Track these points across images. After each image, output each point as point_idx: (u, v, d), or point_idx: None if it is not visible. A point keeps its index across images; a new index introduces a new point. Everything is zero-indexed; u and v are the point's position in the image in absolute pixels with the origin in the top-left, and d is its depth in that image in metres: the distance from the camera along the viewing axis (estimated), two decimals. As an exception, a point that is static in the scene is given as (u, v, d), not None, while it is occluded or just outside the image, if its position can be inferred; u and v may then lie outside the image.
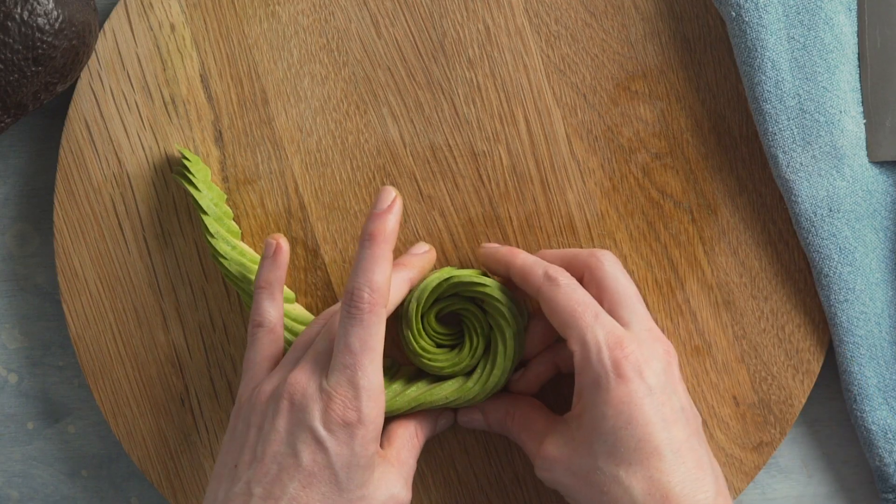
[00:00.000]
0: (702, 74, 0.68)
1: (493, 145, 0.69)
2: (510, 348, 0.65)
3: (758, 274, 0.69)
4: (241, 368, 0.69)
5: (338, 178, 0.69)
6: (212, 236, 0.66)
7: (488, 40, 0.68)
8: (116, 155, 0.69)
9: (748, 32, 0.66)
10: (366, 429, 0.59)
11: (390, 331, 0.67)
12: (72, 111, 0.69)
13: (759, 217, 0.69)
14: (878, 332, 0.67)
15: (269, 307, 0.65)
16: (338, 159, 0.69)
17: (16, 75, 0.64)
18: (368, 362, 0.59)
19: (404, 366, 0.68)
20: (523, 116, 0.69)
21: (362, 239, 0.60)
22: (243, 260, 0.67)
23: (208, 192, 0.67)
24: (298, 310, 0.68)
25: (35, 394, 0.72)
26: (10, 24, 0.63)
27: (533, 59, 0.68)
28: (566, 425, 0.62)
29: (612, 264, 0.64)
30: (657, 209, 0.69)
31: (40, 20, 0.63)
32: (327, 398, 0.59)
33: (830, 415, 0.70)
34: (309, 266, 0.69)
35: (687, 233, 0.69)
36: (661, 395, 0.60)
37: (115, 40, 0.68)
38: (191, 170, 0.66)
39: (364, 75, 0.69)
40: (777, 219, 0.69)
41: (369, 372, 0.59)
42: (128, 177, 0.69)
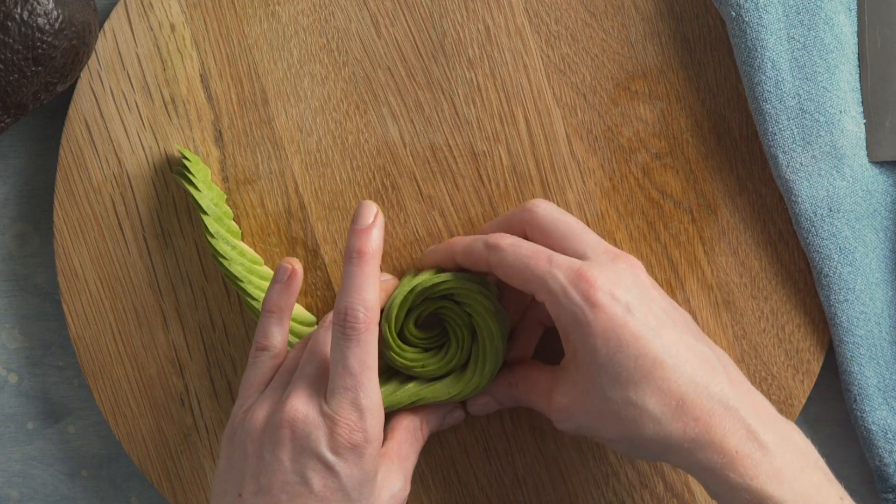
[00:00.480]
0: (702, 74, 0.68)
1: (493, 145, 0.69)
2: (495, 330, 0.64)
3: (758, 274, 0.69)
4: (241, 368, 0.69)
5: (338, 178, 0.69)
6: (212, 236, 0.66)
7: (488, 40, 0.68)
8: (116, 155, 0.69)
9: (748, 32, 0.66)
10: (372, 446, 0.59)
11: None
12: (72, 111, 0.69)
13: (759, 217, 0.69)
14: (878, 332, 0.67)
15: (276, 332, 0.64)
16: (338, 159, 0.69)
17: (16, 75, 0.64)
18: (368, 381, 0.59)
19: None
20: (523, 116, 0.69)
21: (348, 256, 0.60)
22: (243, 260, 0.67)
23: (208, 192, 0.67)
24: (298, 310, 0.68)
25: (35, 394, 0.72)
26: (10, 24, 0.63)
27: (533, 59, 0.69)
28: (566, 372, 0.62)
29: (545, 206, 0.63)
30: (657, 209, 0.69)
31: (40, 20, 0.63)
32: (332, 423, 0.59)
33: (830, 415, 0.70)
34: (309, 266, 0.69)
35: (687, 233, 0.69)
36: (640, 308, 0.60)
37: (115, 40, 0.68)
38: (191, 170, 0.66)
39: (364, 75, 0.69)
40: (777, 219, 0.69)
41: (370, 390, 0.59)
42: (128, 177, 0.69)
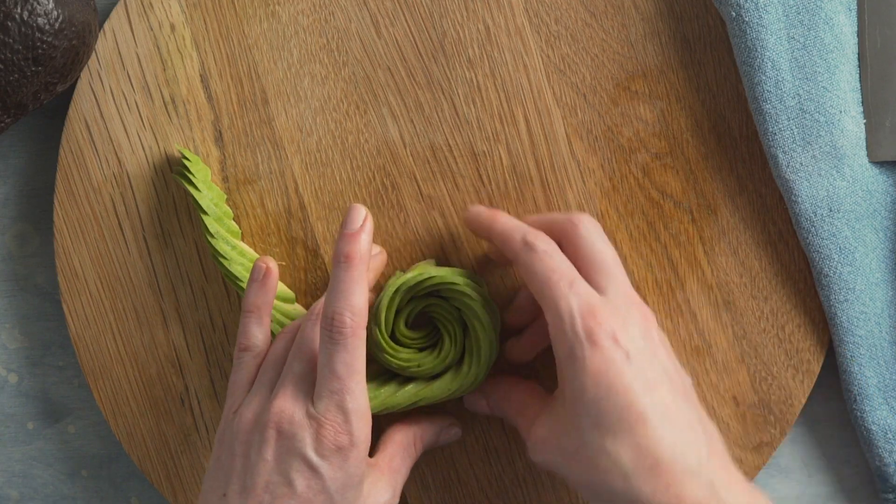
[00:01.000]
0: (702, 74, 0.68)
1: (493, 145, 0.69)
2: (485, 321, 0.64)
3: (758, 274, 0.69)
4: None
5: (338, 178, 0.69)
6: (212, 236, 0.66)
7: (488, 40, 0.68)
8: (116, 155, 0.69)
9: (748, 32, 0.66)
10: (358, 450, 0.59)
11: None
12: (72, 111, 0.69)
13: (759, 217, 0.69)
14: (878, 332, 0.67)
15: (256, 331, 0.64)
16: (338, 159, 0.69)
17: (16, 75, 0.64)
18: (355, 384, 0.59)
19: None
20: (523, 116, 0.69)
21: (336, 260, 0.60)
22: (243, 260, 0.67)
23: (208, 192, 0.67)
24: (299, 310, 0.68)
25: (35, 394, 0.72)
26: (10, 24, 0.63)
27: (533, 59, 0.69)
28: (554, 403, 0.62)
29: (589, 228, 0.62)
30: (657, 209, 0.69)
31: (40, 20, 0.63)
32: (317, 425, 0.59)
33: (830, 415, 0.70)
34: (309, 266, 0.69)
35: (687, 233, 0.69)
36: (641, 360, 0.58)
37: (115, 40, 0.68)
38: (191, 170, 0.66)
39: (364, 75, 0.69)
40: (777, 219, 0.69)
41: (357, 394, 0.59)
42: (128, 177, 0.69)
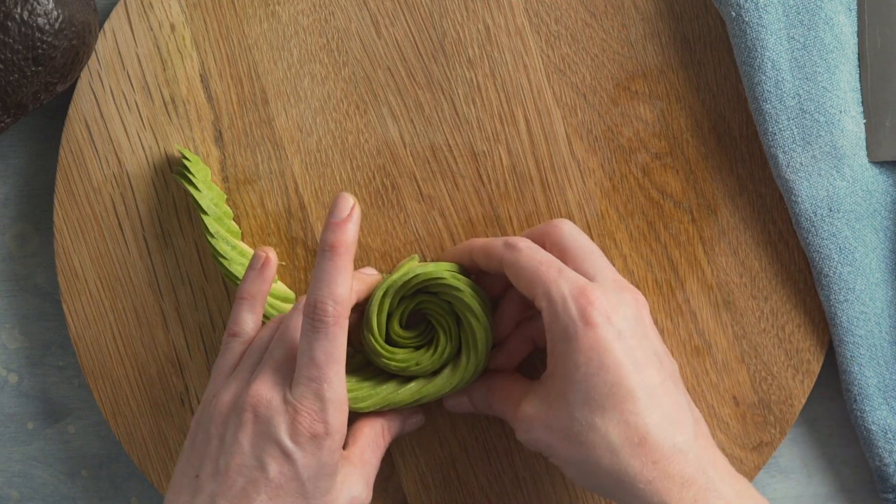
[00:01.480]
0: (702, 74, 0.68)
1: (493, 145, 0.69)
2: (477, 309, 0.64)
3: (758, 274, 0.69)
4: (241, 368, 0.69)
5: (338, 178, 0.69)
6: (212, 236, 0.66)
7: (488, 40, 0.68)
8: (116, 155, 0.69)
9: (748, 32, 0.66)
10: (332, 439, 0.59)
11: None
12: (72, 111, 0.69)
13: (759, 217, 0.69)
14: (878, 332, 0.67)
15: (248, 319, 0.64)
16: (338, 159, 0.69)
17: (16, 75, 0.64)
18: (334, 374, 0.59)
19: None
20: (523, 116, 0.69)
21: (322, 249, 0.60)
22: (243, 260, 0.67)
23: (208, 192, 0.67)
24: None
25: (35, 394, 0.72)
26: (10, 24, 0.63)
27: (533, 59, 0.69)
28: (541, 384, 0.62)
29: (570, 226, 0.64)
30: (657, 209, 0.69)
31: (40, 20, 0.63)
32: (294, 411, 0.59)
33: (830, 415, 0.70)
34: (309, 266, 0.69)
35: (687, 233, 0.69)
36: (632, 339, 0.59)
37: (115, 40, 0.68)
38: (191, 170, 0.66)
39: (364, 75, 0.69)
40: (777, 219, 0.69)
41: (335, 383, 0.59)
42: (128, 177, 0.69)
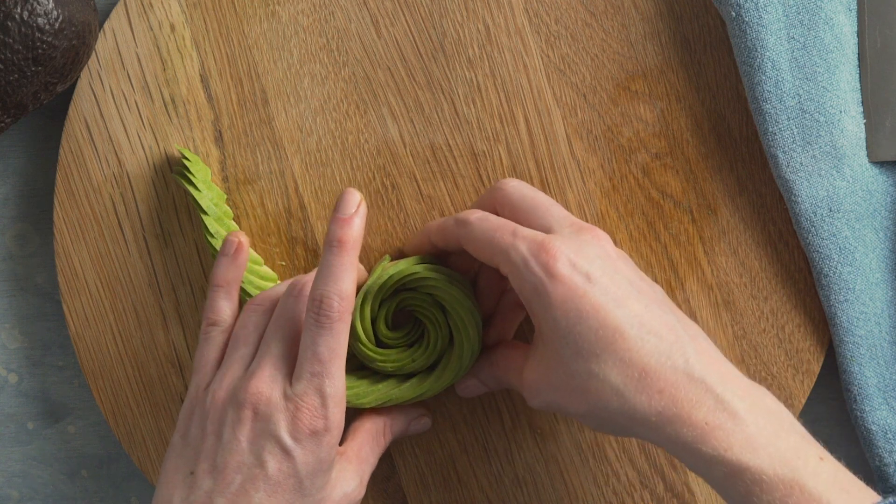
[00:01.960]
0: (702, 74, 0.68)
1: (493, 145, 0.69)
2: (458, 295, 0.65)
3: (758, 274, 0.69)
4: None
5: (338, 178, 0.69)
6: (212, 236, 0.66)
7: (488, 40, 0.68)
8: (116, 155, 0.69)
9: (748, 32, 0.66)
10: (331, 435, 0.59)
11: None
12: (72, 111, 0.69)
13: (759, 217, 0.69)
14: (878, 332, 0.67)
15: (225, 306, 0.64)
16: (338, 159, 0.69)
17: (16, 75, 0.64)
18: (336, 369, 0.59)
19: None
20: (523, 116, 0.69)
21: (328, 244, 0.60)
22: (243, 260, 0.67)
23: (208, 192, 0.67)
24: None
25: (35, 394, 0.72)
26: (10, 24, 0.63)
27: (533, 59, 0.69)
28: (535, 347, 0.62)
29: (515, 184, 0.64)
30: (657, 209, 0.69)
31: (40, 20, 0.63)
32: (295, 407, 0.59)
33: (830, 415, 0.70)
34: (309, 266, 0.69)
35: (687, 233, 0.69)
36: (603, 278, 0.59)
37: (115, 40, 0.68)
38: (191, 170, 0.66)
39: (364, 75, 0.69)
40: (777, 219, 0.69)
41: (336, 379, 0.59)
42: (128, 177, 0.69)
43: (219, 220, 0.67)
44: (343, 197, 0.60)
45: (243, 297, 0.66)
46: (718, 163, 0.69)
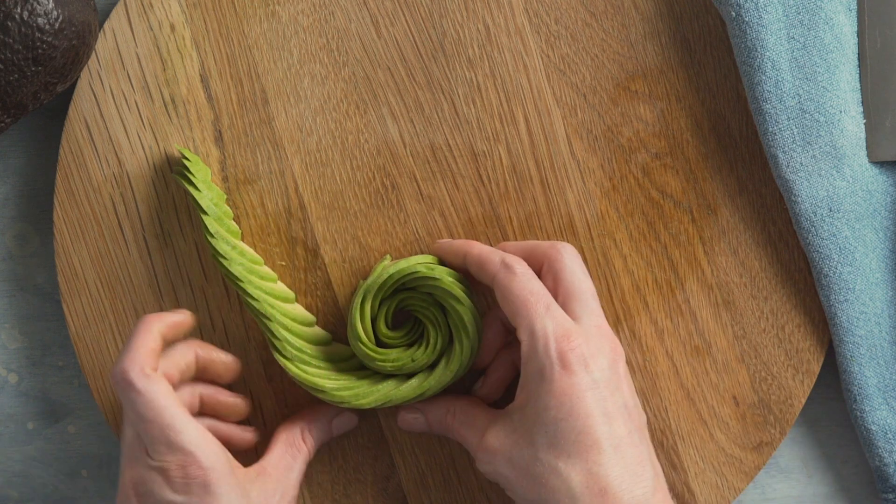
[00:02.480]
0: (702, 74, 0.68)
1: (493, 145, 0.69)
2: (457, 291, 0.65)
3: (758, 274, 0.69)
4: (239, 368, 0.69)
5: (338, 178, 0.69)
6: (212, 236, 0.66)
7: (488, 40, 0.68)
8: (116, 155, 0.69)
9: (748, 32, 0.66)
10: (217, 472, 0.60)
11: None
12: (72, 111, 0.69)
13: (759, 217, 0.69)
14: (878, 332, 0.67)
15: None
16: (338, 159, 0.69)
17: (16, 75, 0.64)
18: (172, 419, 0.60)
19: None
20: (523, 116, 0.69)
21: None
22: (243, 260, 0.67)
23: (208, 192, 0.67)
24: (299, 310, 0.68)
25: (35, 394, 0.72)
26: (10, 24, 0.63)
27: (533, 59, 0.68)
28: (508, 417, 0.62)
29: (572, 258, 0.64)
30: (657, 209, 0.69)
31: (40, 20, 0.63)
32: (162, 471, 0.60)
33: (830, 415, 0.70)
34: (309, 266, 0.69)
35: (687, 233, 0.69)
36: (605, 390, 0.60)
37: (115, 40, 0.68)
38: (191, 170, 0.66)
39: (364, 75, 0.69)
40: (777, 219, 0.69)
41: (179, 427, 0.60)
42: (128, 177, 0.69)
43: (219, 220, 0.67)
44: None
45: (244, 297, 0.66)
46: (718, 163, 0.69)
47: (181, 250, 0.69)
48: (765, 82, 0.66)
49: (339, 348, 0.68)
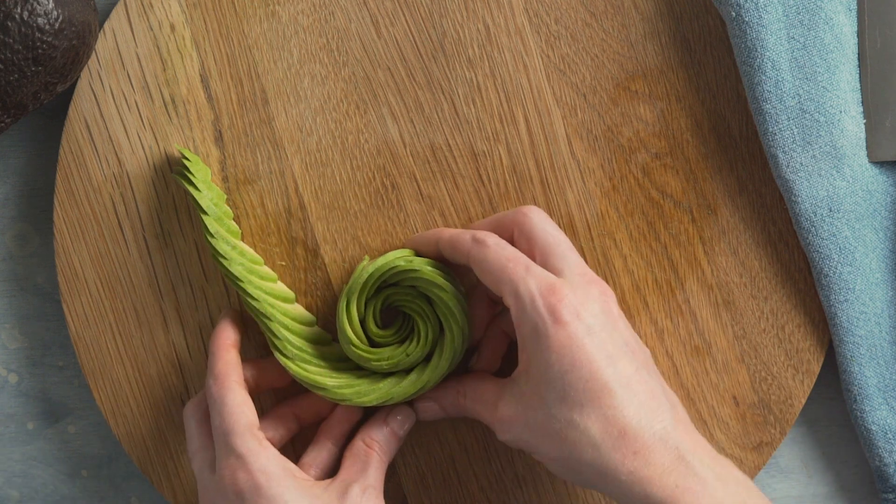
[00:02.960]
0: (702, 74, 0.68)
1: (493, 145, 0.69)
2: (442, 282, 0.65)
3: (758, 274, 0.69)
4: (241, 368, 0.69)
5: (338, 178, 0.69)
6: (212, 236, 0.66)
7: (488, 40, 0.68)
8: (116, 155, 0.69)
9: (748, 32, 0.66)
10: (268, 475, 0.61)
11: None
12: (72, 111, 0.69)
13: (759, 217, 0.69)
14: (878, 332, 0.67)
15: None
16: (338, 159, 0.69)
17: (16, 75, 0.64)
18: (234, 424, 0.62)
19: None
20: (523, 116, 0.69)
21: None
22: (243, 260, 0.67)
23: (208, 192, 0.67)
24: (299, 310, 0.68)
25: (35, 394, 0.72)
26: (10, 24, 0.63)
27: (533, 59, 0.68)
28: (515, 383, 0.62)
29: (540, 216, 0.64)
30: (657, 209, 0.69)
31: (40, 20, 0.63)
32: (219, 486, 0.61)
33: (830, 415, 0.70)
34: (309, 266, 0.69)
35: (687, 233, 0.69)
36: (602, 333, 0.60)
37: (115, 40, 0.68)
38: (191, 170, 0.66)
39: (364, 75, 0.69)
40: (777, 219, 0.69)
41: (239, 432, 0.62)
42: (128, 177, 0.69)
43: (219, 220, 0.67)
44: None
45: (244, 297, 0.66)
46: (718, 163, 0.69)
47: (181, 250, 0.69)
48: (765, 82, 0.66)
49: (339, 348, 0.68)
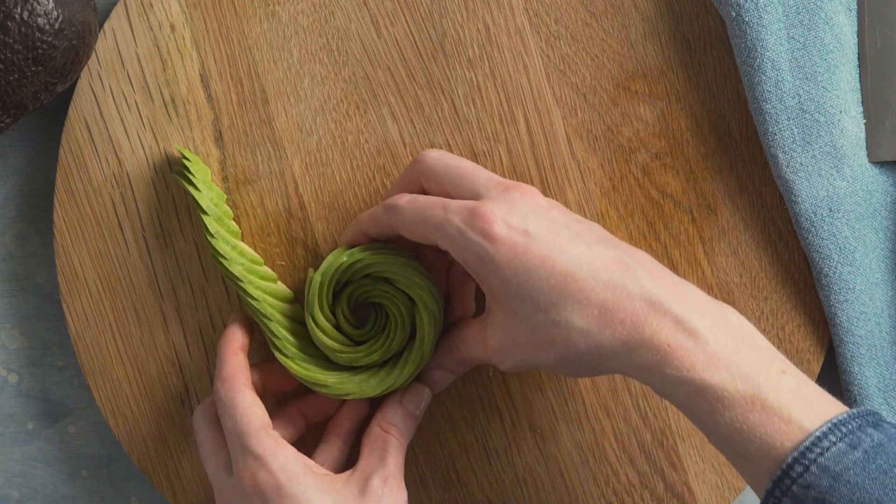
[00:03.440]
0: (702, 74, 0.68)
1: (493, 145, 0.69)
2: (410, 273, 0.64)
3: (758, 274, 0.69)
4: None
5: (338, 178, 0.69)
6: (212, 236, 0.66)
7: (488, 40, 0.68)
8: (116, 155, 0.69)
9: (748, 32, 0.66)
10: (288, 473, 0.61)
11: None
12: (72, 111, 0.69)
13: (759, 217, 0.69)
14: (878, 332, 0.67)
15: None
16: (338, 159, 0.69)
17: (16, 75, 0.64)
18: (248, 425, 0.62)
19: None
20: (523, 116, 0.69)
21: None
22: (243, 260, 0.67)
23: (208, 192, 0.67)
24: (299, 309, 0.68)
25: (35, 394, 0.72)
26: (10, 24, 0.63)
27: (533, 59, 0.69)
28: (491, 314, 0.62)
29: (434, 155, 0.64)
30: (657, 209, 0.69)
31: (40, 20, 0.63)
32: (240, 489, 0.61)
33: (830, 415, 0.70)
34: (309, 266, 0.69)
35: (687, 233, 0.69)
36: (540, 230, 0.59)
37: (115, 40, 0.68)
38: (191, 170, 0.66)
39: (364, 75, 0.69)
40: (777, 219, 0.69)
41: (253, 433, 0.62)
42: (128, 177, 0.69)
43: (219, 220, 0.67)
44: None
45: (244, 297, 0.66)
46: (718, 163, 0.69)
47: (181, 250, 0.69)
48: (765, 82, 0.66)
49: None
